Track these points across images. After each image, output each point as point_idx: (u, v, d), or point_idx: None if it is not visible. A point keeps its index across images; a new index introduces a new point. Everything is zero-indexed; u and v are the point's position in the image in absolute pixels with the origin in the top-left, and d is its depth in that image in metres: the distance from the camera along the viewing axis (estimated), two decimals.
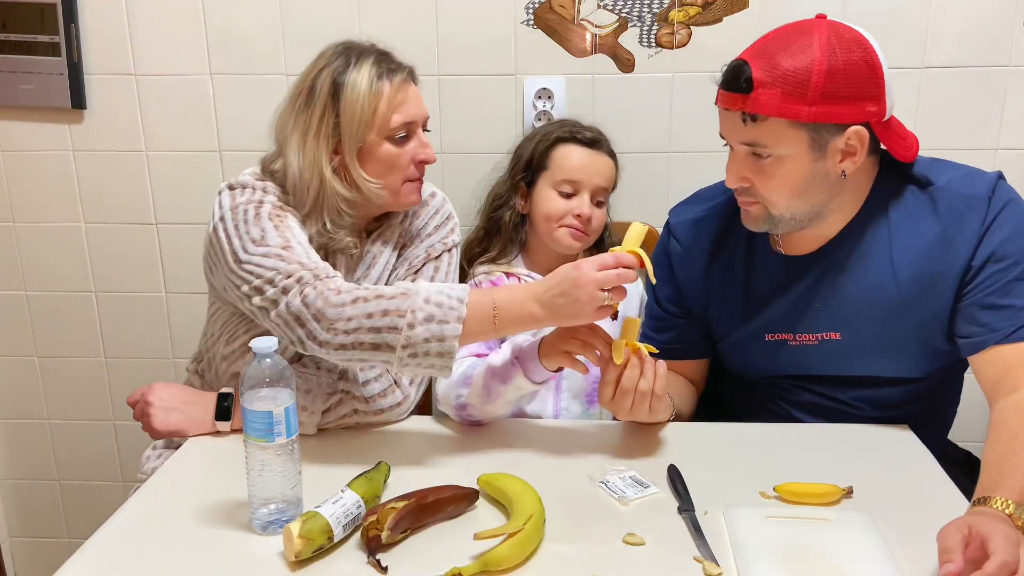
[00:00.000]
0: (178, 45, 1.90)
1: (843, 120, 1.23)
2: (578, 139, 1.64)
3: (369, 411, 1.41)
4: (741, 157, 1.29)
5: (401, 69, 1.42)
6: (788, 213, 1.30)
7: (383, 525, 1.08)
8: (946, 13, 1.79)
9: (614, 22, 1.84)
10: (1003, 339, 1.25)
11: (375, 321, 1.22)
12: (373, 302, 1.23)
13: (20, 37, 1.90)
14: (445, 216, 1.57)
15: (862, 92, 1.23)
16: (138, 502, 1.23)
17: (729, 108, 1.26)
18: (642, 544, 1.11)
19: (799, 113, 1.21)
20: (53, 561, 1.12)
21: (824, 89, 1.20)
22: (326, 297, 1.24)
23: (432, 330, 1.22)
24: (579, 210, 1.61)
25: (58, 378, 2.16)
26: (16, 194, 2.03)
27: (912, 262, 1.31)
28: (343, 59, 1.39)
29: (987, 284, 1.27)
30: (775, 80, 1.20)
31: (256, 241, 1.31)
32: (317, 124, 1.37)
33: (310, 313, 1.24)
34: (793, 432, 1.40)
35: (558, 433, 1.46)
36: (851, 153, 1.26)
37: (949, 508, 1.18)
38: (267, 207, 1.36)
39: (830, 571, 1.04)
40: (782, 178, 1.26)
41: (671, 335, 1.51)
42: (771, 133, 1.23)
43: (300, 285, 1.26)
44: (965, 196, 1.30)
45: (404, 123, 1.40)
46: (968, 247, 1.28)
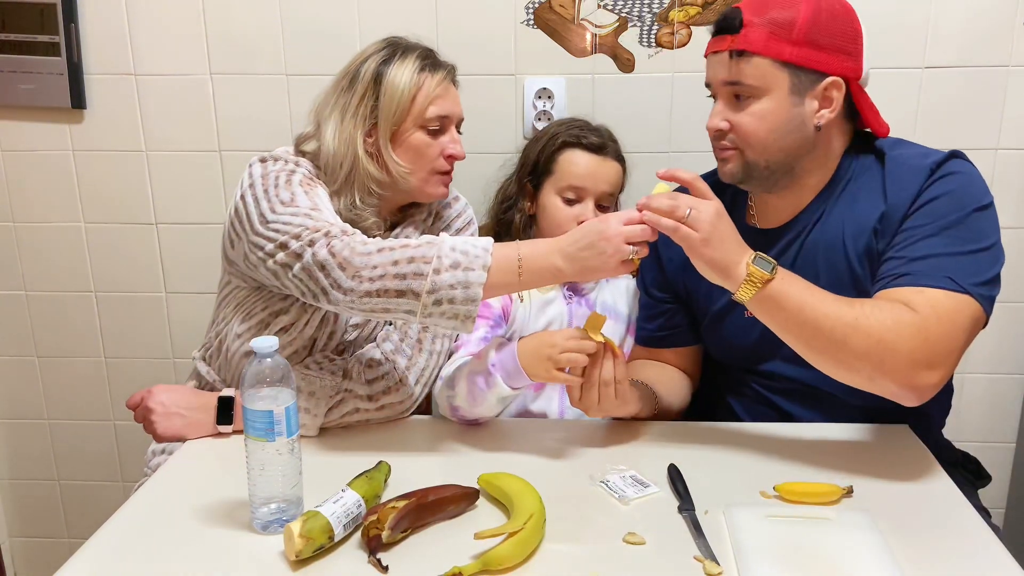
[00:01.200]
0: (178, 45, 1.90)
1: (823, 68, 1.30)
2: (584, 144, 1.63)
3: (371, 409, 1.41)
4: (724, 99, 1.35)
5: (443, 67, 1.49)
6: (762, 159, 1.34)
7: (384, 524, 1.08)
8: (946, 13, 1.79)
9: (614, 22, 1.84)
10: (884, 286, 1.27)
11: (401, 268, 1.23)
12: (399, 250, 1.25)
13: (20, 37, 1.90)
14: (467, 221, 1.64)
15: (843, 46, 1.30)
16: (138, 502, 1.23)
17: (719, 50, 1.33)
18: (642, 543, 1.11)
19: (782, 52, 1.28)
20: (53, 561, 1.12)
21: (807, 34, 1.28)
22: (352, 247, 1.26)
23: (457, 276, 1.22)
24: (583, 217, 1.59)
25: (58, 378, 2.16)
26: (16, 194, 2.03)
27: (858, 227, 1.34)
28: (389, 50, 1.47)
29: (898, 240, 1.29)
30: (764, 22, 1.28)
31: (285, 203, 1.34)
32: (356, 105, 1.44)
33: (336, 262, 1.25)
34: (793, 432, 1.40)
35: (558, 433, 1.46)
36: (827, 104, 1.32)
37: (949, 508, 1.18)
38: (299, 175, 1.41)
39: (830, 570, 1.04)
40: (760, 118, 1.31)
41: (660, 322, 1.55)
42: (755, 70, 1.29)
43: (327, 238, 1.27)
44: (911, 167, 1.32)
45: (439, 116, 1.47)
46: (902, 209, 1.30)
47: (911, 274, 1.24)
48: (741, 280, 1.22)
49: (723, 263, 1.22)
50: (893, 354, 1.18)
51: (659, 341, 1.57)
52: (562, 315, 1.65)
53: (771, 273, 1.21)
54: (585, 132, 1.65)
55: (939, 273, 1.22)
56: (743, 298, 1.23)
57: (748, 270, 1.21)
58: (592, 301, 1.67)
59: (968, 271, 1.23)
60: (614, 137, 1.68)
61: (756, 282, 1.21)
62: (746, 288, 1.21)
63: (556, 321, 1.65)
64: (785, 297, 1.21)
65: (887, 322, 1.19)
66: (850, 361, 1.21)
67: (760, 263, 1.21)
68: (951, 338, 1.20)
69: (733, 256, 1.22)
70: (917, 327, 1.19)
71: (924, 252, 1.25)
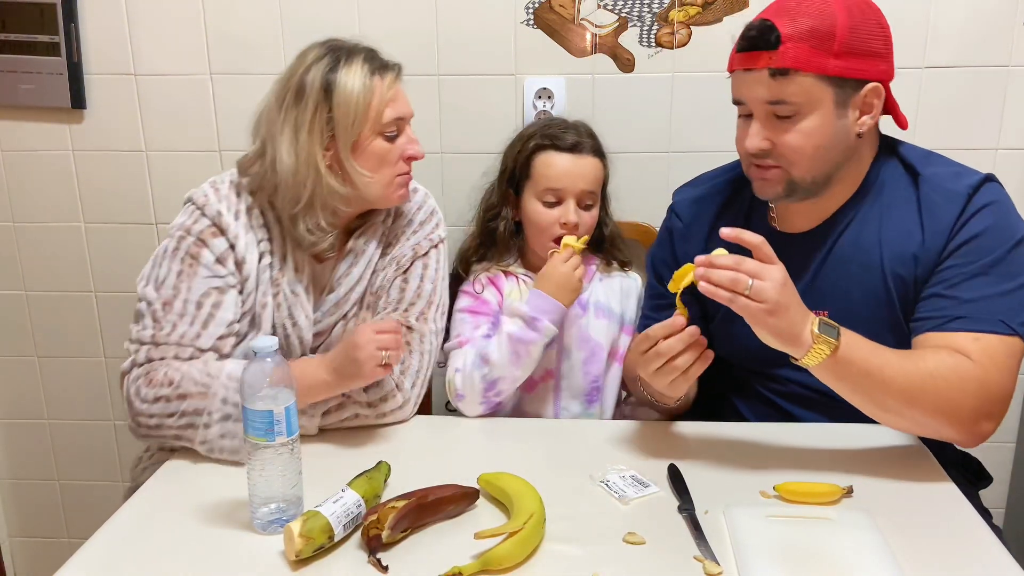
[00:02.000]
0: (178, 45, 1.90)
1: (864, 75, 1.26)
2: (557, 145, 1.61)
3: (371, 415, 1.41)
4: (762, 118, 1.29)
5: (391, 67, 1.44)
6: (809, 175, 1.30)
7: (384, 524, 1.08)
8: (946, 13, 1.79)
9: (614, 22, 1.84)
10: (936, 327, 1.27)
11: (175, 420, 1.32)
12: (175, 402, 1.32)
13: (20, 37, 1.90)
14: (429, 211, 1.58)
15: (877, 50, 1.27)
16: (138, 502, 1.23)
17: (753, 67, 1.26)
18: (642, 543, 1.11)
19: (827, 66, 1.23)
20: (53, 561, 1.12)
21: (848, 43, 1.23)
22: (138, 392, 1.34)
23: (227, 427, 1.30)
24: (565, 219, 1.59)
25: (58, 378, 2.16)
26: (16, 194, 2.02)
27: (896, 249, 1.33)
28: (331, 57, 1.39)
29: (943, 275, 1.29)
30: (802, 34, 1.22)
31: (156, 282, 1.40)
32: (310, 120, 1.37)
33: (126, 399, 1.36)
34: (793, 431, 1.40)
35: (558, 432, 1.46)
36: (867, 110, 1.29)
37: (949, 508, 1.18)
38: (189, 240, 1.40)
39: (830, 570, 1.04)
40: (807, 135, 1.27)
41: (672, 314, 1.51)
42: (799, 87, 1.24)
43: (132, 369, 1.37)
44: (946, 191, 1.31)
45: (395, 119, 1.42)
46: (939, 241, 1.30)
47: (965, 317, 1.25)
48: (807, 347, 1.18)
49: (788, 332, 1.17)
50: (958, 411, 1.21)
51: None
52: None
53: (837, 340, 1.18)
54: (558, 132, 1.62)
55: (991, 316, 1.24)
56: (809, 364, 1.19)
57: (815, 338, 1.17)
58: (584, 300, 1.67)
59: (1016, 310, 1.25)
60: (592, 132, 1.66)
61: (824, 350, 1.17)
62: (813, 356, 1.18)
63: None
64: (851, 362, 1.19)
65: (952, 379, 1.20)
66: (916, 418, 1.23)
67: (825, 329, 1.18)
68: (1007, 384, 1.24)
69: (798, 323, 1.17)
70: (979, 381, 1.21)
71: (975, 294, 1.26)
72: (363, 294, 1.50)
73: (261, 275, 1.43)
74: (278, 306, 1.44)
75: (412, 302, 1.48)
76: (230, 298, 1.40)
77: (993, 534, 1.14)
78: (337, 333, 1.49)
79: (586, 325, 1.63)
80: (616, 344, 1.66)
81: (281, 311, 1.44)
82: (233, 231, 1.41)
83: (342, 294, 1.47)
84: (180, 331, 1.37)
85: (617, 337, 1.67)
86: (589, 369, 1.62)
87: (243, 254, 1.42)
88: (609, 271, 1.70)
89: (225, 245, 1.41)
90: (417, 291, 1.49)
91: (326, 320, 1.48)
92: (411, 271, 1.51)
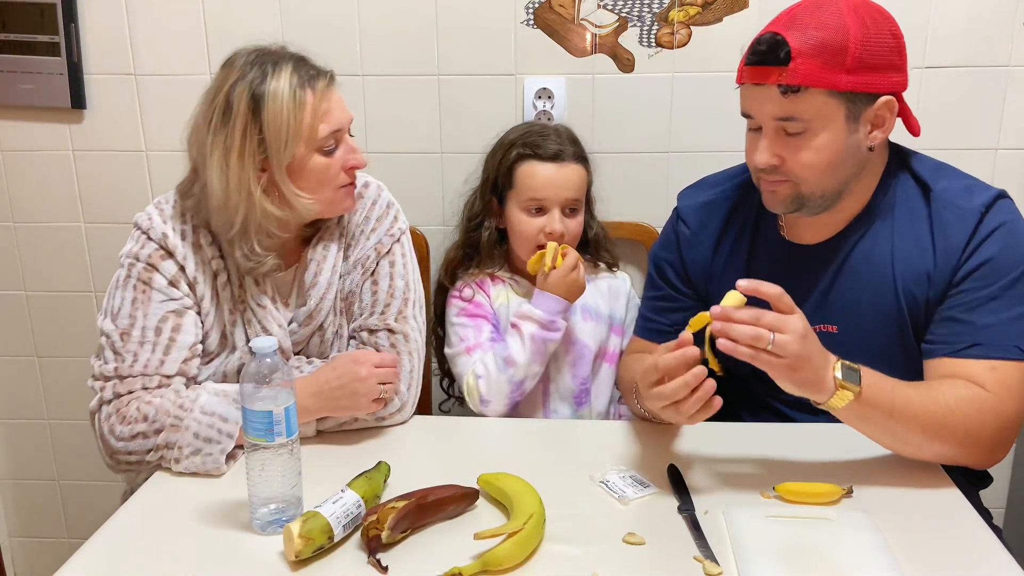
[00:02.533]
0: (178, 45, 1.90)
1: (877, 89, 1.23)
2: (539, 155, 1.60)
3: (370, 419, 1.40)
4: (771, 134, 1.26)
5: (321, 75, 1.35)
6: (819, 190, 1.28)
7: (383, 525, 1.08)
8: (946, 13, 1.79)
9: (614, 22, 1.84)
10: (952, 352, 1.26)
11: (152, 455, 1.30)
12: (152, 437, 1.29)
13: (20, 37, 1.90)
14: (385, 205, 1.51)
15: (891, 61, 1.24)
16: (138, 502, 1.23)
17: (762, 82, 1.23)
18: (642, 544, 1.11)
19: (839, 82, 1.20)
20: (53, 561, 1.12)
21: (861, 57, 1.20)
22: (113, 431, 1.32)
23: (195, 463, 1.28)
24: (550, 228, 1.60)
25: (58, 378, 2.16)
26: (16, 194, 2.02)
27: (909, 266, 1.31)
28: (258, 69, 1.31)
29: (958, 297, 1.27)
30: (813, 50, 1.19)
31: (112, 313, 1.37)
32: (240, 142, 1.30)
33: (99, 440, 1.34)
34: (793, 432, 1.40)
35: (558, 433, 1.46)
36: (880, 124, 1.26)
37: (949, 508, 1.18)
38: (139, 267, 1.37)
39: (830, 571, 1.04)
40: (817, 151, 1.25)
41: (678, 317, 1.48)
42: (810, 104, 1.22)
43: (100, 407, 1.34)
44: (957, 208, 1.29)
45: (332, 132, 1.35)
46: (951, 259, 1.28)
47: (981, 344, 1.24)
48: (831, 393, 1.16)
49: (812, 381, 1.16)
50: (977, 441, 1.21)
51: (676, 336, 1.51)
52: None
53: (860, 384, 1.17)
54: (540, 140, 1.62)
55: (1007, 342, 1.23)
56: (832, 407, 1.18)
57: (838, 384, 1.16)
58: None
59: None
60: (573, 137, 1.66)
61: (848, 396, 1.16)
62: (837, 400, 1.17)
63: None
64: (874, 405, 1.19)
65: (971, 413, 1.20)
66: (936, 451, 1.23)
67: (848, 375, 1.16)
68: (1021, 411, 1.24)
69: (820, 371, 1.16)
70: (996, 412, 1.21)
71: (990, 319, 1.25)
72: (335, 301, 1.46)
73: (222, 293, 1.40)
74: (248, 321, 1.41)
75: (387, 303, 1.45)
76: (189, 320, 1.37)
77: (993, 534, 1.14)
78: (315, 344, 1.46)
79: (574, 328, 1.64)
80: (605, 345, 1.67)
81: (252, 326, 1.41)
82: (181, 252, 1.37)
83: (313, 305, 1.43)
84: (143, 360, 1.34)
85: (606, 338, 1.68)
86: (577, 372, 1.62)
87: (193, 275, 1.38)
88: (596, 272, 1.71)
89: (175, 267, 1.37)
90: (389, 291, 1.45)
91: (302, 332, 1.44)
92: (378, 271, 1.46)
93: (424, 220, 1.92)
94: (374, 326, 1.43)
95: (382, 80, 1.89)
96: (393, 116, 1.91)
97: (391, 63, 1.88)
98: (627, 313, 1.70)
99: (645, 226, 1.91)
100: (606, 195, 1.82)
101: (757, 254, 1.42)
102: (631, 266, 1.97)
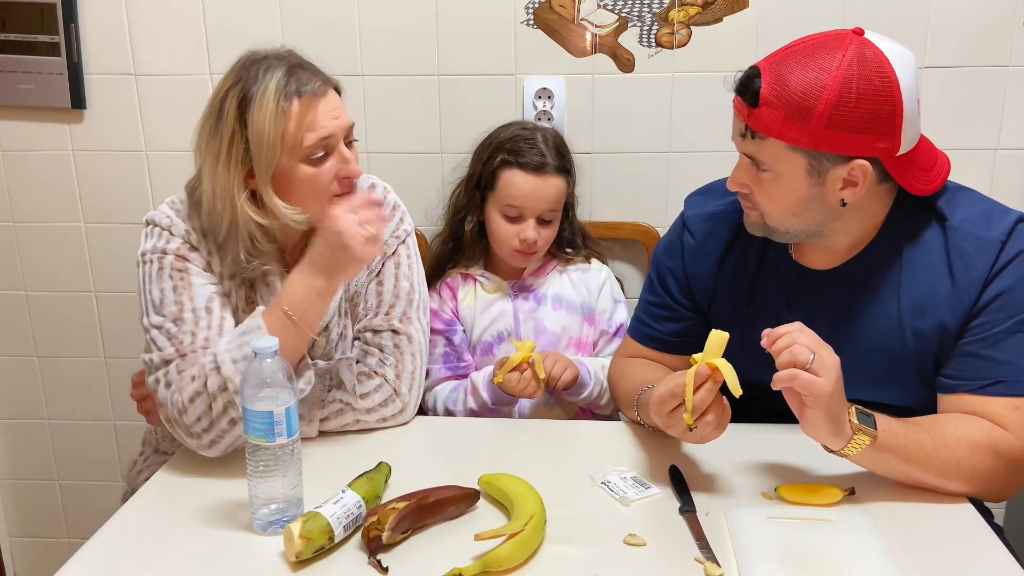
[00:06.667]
0: (178, 45, 1.90)
1: (846, 152, 1.19)
2: (522, 164, 1.63)
3: (372, 421, 1.40)
4: (743, 163, 1.27)
5: (311, 82, 1.31)
6: (783, 227, 1.28)
7: (384, 525, 1.08)
8: (946, 13, 1.79)
9: (614, 22, 1.84)
10: (973, 390, 1.24)
11: (217, 410, 1.25)
12: (204, 393, 1.25)
13: (20, 37, 1.90)
14: (391, 206, 1.51)
15: (871, 127, 1.18)
16: (138, 502, 1.23)
17: (736, 114, 1.25)
18: (643, 545, 1.11)
19: (798, 139, 1.18)
20: (53, 561, 1.12)
21: (829, 118, 1.16)
22: (174, 402, 1.27)
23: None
24: (523, 235, 1.63)
25: (58, 378, 2.16)
26: (16, 194, 2.02)
27: (919, 299, 1.28)
28: (251, 76, 1.30)
29: (977, 331, 1.25)
30: (779, 99, 1.17)
31: (155, 307, 1.33)
32: (227, 149, 1.29)
33: (176, 427, 1.29)
34: (795, 433, 1.39)
35: (559, 433, 1.46)
36: (852, 183, 1.22)
37: (951, 509, 1.18)
38: (169, 259, 1.35)
39: (832, 572, 1.04)
40: (778, 196, 1.25)
41: (678, 327, 1.48)
42: (770, 152, 1.21)
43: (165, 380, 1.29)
44: (977, 238, 1.26)
45: (320, 141, 1.30)
46: (972, 292, 1.25)
47: (1003, 381, 1.22)
48: (848, 438, 1.16)
49: (837, 419, 1.15)
50: (993, 481, 1.21)
51: (672, 346, 1.49)
52: (507, 312, 1.69)
53: (875, 428, 1.16)
54: (525, 148, 1.64)
55: None
56: (848, 455, 1.18)
57: (854, 428, 1.16)
58: (541, 295, 1.70)
59: None
60: (560, 146, 1.68)
61: (864, 440, 1.16)
62: (853, 446, 1.17)
63: (502, 318, 1.69)
64: (889, 450, 1.18)
65: (986, 461, 1.19)
66: (951, 490, 1.21)
67: (863, 419, 1.16)
68: None
69: (843, 408, 1.15)
70: (1013, 457, 1.20)
71: (1011, 354, 1.22)
72: (340, 303, 1.46)
73: (237, 291, 1.40)
74: None
75: (392, 304, 1.44)
76: (229, 307, 1.37)
77: (994, 535, 1.14)
78: (320, 345, 1.45)
79: (542, 317, 1.69)
80: (580, 334, 1.69)
81: None
82: (205, 248, 1.37)
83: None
84: (201, 337, 1.30)
85: (579, 326, 1.70)
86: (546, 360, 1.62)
87: (219, 270, 1.38)
88: (567, 266, 1.75)
89: (203, 261, 1.37)
90: (394, 292, 1.45)
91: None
92: (384, 272, 1.46)
93: (424, 220, 1.91)
94: (378, 327, 1.43)
95: (382, 80, 1.89)
96: (393, 116, 1.91)
97: (391, 63, 1.88)
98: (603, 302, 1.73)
99: (645, 226, 1.91)
100: (606, 195, 1.82)
101: (764, 273, 1.40)
102: (631, 266, 1.98)
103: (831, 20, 1.77)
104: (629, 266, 1.98)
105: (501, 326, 1.69)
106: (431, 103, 1.90)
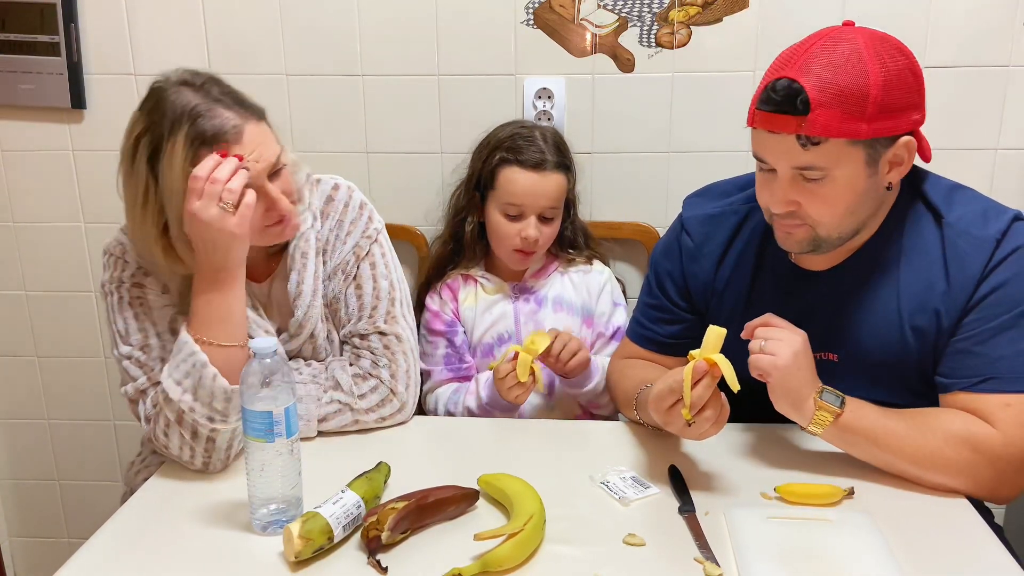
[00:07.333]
0: (178, 45, 1.90)
1: (896, 132, 1.19)
2: (521, 162, 1.62)
3: (371, 421, 1.40)
4: (787, 180, 1.22)
5: (225, 124, 1.23)
6: (836, 232, 1.26)
7: (383, 525, 1.08)
8: (946, 13, 1.79)
9: (614, 22, 1.84)
10: (966, 387, 1.24)
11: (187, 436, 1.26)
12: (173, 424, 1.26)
13: (20, 37, 1.90)
14: (357, 207, 1.47)
15: (911, 101, 1.20)
16: (138, 502, 1.23)
17: (779, 131, 1.18)
18: (643, 545, 1.11)
19: (858, 131, 1.16)
20: (53, 561, 1.12)
21: (882, 103, 1.16)
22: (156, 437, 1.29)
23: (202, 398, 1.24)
24: (524, 233, 1.62)
25: (58, 378, 2.16)
26: (16, 194, 2.02)
27: (916, 295, 1.28)
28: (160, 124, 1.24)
29: (971, 328, 1.24)
30: (831, 98, 1.14)
31: (122, 336, 1.34)
32: (143, 198, 1.25)
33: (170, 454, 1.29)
34: (794, 432, 1.40)
35: (559, 433, 1.46)
36: (898, 163, 1.23)
37: (950, 509, 1.18)
38: (126, 287, 1.35)
39: (831, 572, 1.04)
40: (836, 197, 1.21)
41: (676, 329, 1.48)
42: (829, 154, 1.17)
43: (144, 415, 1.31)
44: (972, 236, 1.26)
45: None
46: (967, 289, 1.25)
47: (996, 378, 1.21)
48: (811, 415, 1.22)
49: (797, 395, 1.22)
50: (976, 481, 1.20)
51: (670, 348, 1.49)
52: (507, 314, 1.70)
53: (841, 408, 1.21)
54: (524, 146, 1.64)
55: (1021, 375, 1.21)
56: (814, 432, 1.23)
57: (817, 405, 1.21)
58: (542, 297, 1.70)
59: None
60: (559, 144, 1.68)
61: (827, 418, 1.21)
62: (816, 424, 1.22)
63: (503, 319, 1.69)
64: (855, 430, 1.21)
65: (964, 453, 1.19)
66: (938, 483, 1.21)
67: (828, 398, 1.21)
68: None
69: (805, 388, 1.22)
70: (996, 453, 1.18)
71: (1004, 351, 1.22)
72: (320, 307, 1.44)
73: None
74: None
75: (374, 306, 1.43)
76: None
77: (994, 535, 1.14)
78: (308, 350, 1.44)
79: (543, 319, 1.69)
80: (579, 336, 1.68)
81: None
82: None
83: (302, 315, 1.40)
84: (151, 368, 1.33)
85: (579, 328, 1.70)
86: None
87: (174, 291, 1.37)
88: (568, 268, 1.74)
89: (158, 283, 1.36)
90: (374, 293, 1.43)
91: (294, 342, 1.42)
92: (360, 275, 1.43)
93: (424, 220, 1.92)
94: (364, 331, 1.42)
95: (382, 80, 1.89)
96: (393, 116, 1.91)
97: (391, 63, 1.88)
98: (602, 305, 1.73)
99: (645, 226, 1.91)
100: (606, 195, 1.82)
101: (761, 275, 1.40)
102: (630, 266, 1.98)
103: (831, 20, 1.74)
104: (629, 266, 1.98)
105: (502, 328, 1.69)
106: (431, 103, 1.90)
